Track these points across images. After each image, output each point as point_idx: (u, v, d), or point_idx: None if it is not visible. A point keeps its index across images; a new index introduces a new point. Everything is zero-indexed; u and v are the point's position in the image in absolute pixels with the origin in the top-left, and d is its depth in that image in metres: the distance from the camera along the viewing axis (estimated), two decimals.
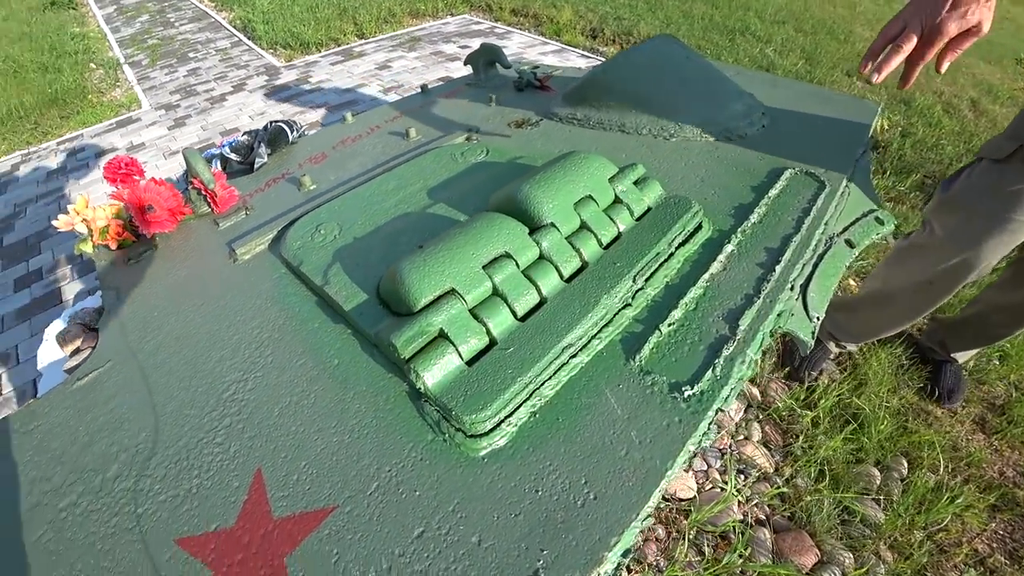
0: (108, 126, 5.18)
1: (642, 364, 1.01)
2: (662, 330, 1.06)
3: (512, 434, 0.91)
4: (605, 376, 1.00)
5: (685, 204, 1.29)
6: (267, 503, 0.85)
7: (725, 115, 1.79)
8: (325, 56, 6.13)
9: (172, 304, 1.43)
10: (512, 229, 1.15)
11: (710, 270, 1.18)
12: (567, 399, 0.97)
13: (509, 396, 0.92)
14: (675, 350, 1.03)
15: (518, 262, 1.11)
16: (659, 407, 0.93)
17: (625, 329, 1.08)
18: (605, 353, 1.04)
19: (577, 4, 7.13)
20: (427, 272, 1.05)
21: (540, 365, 0.96)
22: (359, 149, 2.19)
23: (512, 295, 1.07)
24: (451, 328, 0.99)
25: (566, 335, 1.01)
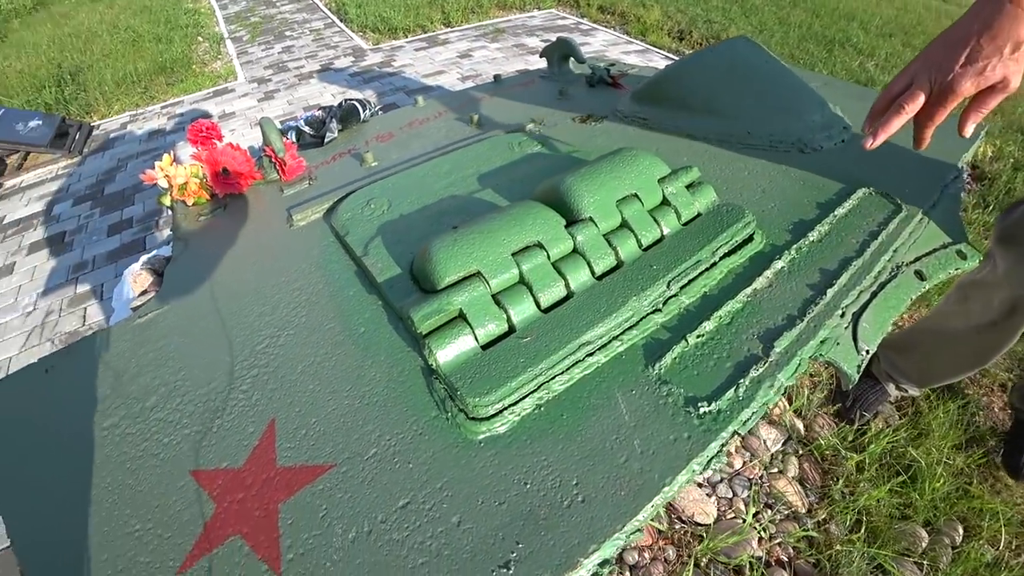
0: (206, 94, 5.55)
1: (661, 372, 0.97)
2: (689, 340, 1.01)
3: (513, 423, 0.91)
4: (620, 379, 0.96)
5: (737, 213, 1.22)
6: (274, 451, 0.90)
7: (800, 125, 1.68)
8: (410, 42, 6.29)
9: (229, 259, 1.52)
10: (548, 220, 1.13)
11: (754, 284, 1.11)
12: (576, 397, 0.94)
13: (517, 384, 0.91)
14: (699, 363, 0.98)
15: (549, 253, 1.10)
16: (670, 419, 0.89)
17: (650, 335, 1.04)
18: (625, 356, 1.01)
19: (667, 4, 6.94)
20: (455, 252, 1.05)
21: (554, 359, 0.95)
22: (424, 132, 2.24)
23: (538, 285, 1.06)
24: (471, 310, 1.00)
25: (586, 332, 0.99)
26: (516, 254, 1.08)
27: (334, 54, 6.15)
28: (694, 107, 1.85)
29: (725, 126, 1.76)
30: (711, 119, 1.80)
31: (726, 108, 1.78)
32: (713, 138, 1.76)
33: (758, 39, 6.30)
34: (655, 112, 1.94)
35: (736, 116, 1.76)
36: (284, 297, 1.30)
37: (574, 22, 6.70)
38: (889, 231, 1.23)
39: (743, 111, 1.75)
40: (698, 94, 1.84)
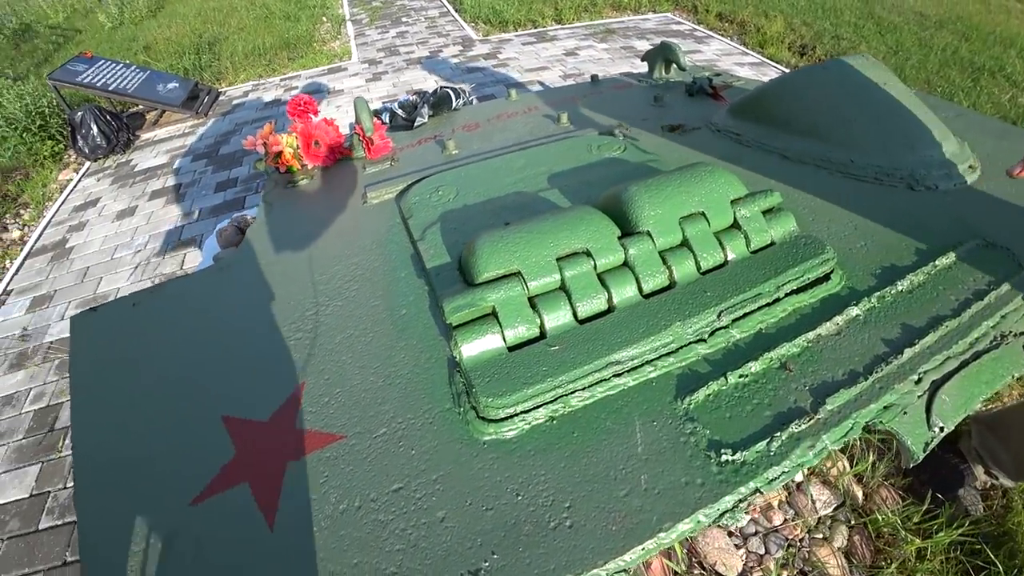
0: (321, 71, 5.89)
1: (689, 408, 0.90)
2: (729, 378, 0.92)
3: (522, 431, 0.88)
4: (643, 407, 0.91)
5: (816, 247, 1.11)
6: (296, 413, 0.95)
7: (915, 159, 1.50)
8: (519, 36, 6.34)
9: (304, 227, 1.62)
10: (601, 228, 1.08)
11: (819, 329, 1.00)
12: (592, 417, 0.90)
13: (534, 392, 0.89)
14: (735, 406, 0.90)
15: (596, 263, 1.05)
16: (686, 461, 0.83)
17: (688, 365, 0.97)
18: (655, 383, 0.94)
19: (792, 16, 6.51)
20: (498, 249, 1.04)
21: (578, 372, 0.91)
22: (510, 125, 2.25)
23: (578, 294, 1.02)
24: (503, 309, 0.98)
25: (618, 351, 0.94)
26: (561, 259, 1.04)
27: (444, 42, 6.32)
28: (794, 127, 1.71)
29: (826, 150, 1.61)
30: (811, 141, 1.65)
31: (830, 131, 1.63)
32: (810, 162, 1.62)
33: (891, 62, 5.75)
34: (750, 128, 1.82)
35: (840, 141, 1.61)
36: (342, 269, 1.35)
37: (689, 28, 6.46)
38: (1000, 293, 1.06)
39: (849, 136, 1.60)
40: (801, 113, 1.69)
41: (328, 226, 1.61)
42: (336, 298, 1.25)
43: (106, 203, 4.54)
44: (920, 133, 1.57)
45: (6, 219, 4.87)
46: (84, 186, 4.99)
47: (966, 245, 1.20)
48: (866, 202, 1.40)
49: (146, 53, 6.71)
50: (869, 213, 1.36)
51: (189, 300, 1.31)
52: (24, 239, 4.51)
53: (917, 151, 1.53)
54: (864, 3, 7.24)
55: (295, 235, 1.58)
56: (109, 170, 5.13)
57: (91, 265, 3.89)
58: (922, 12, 6.96)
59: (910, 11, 7.03)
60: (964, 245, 1.20)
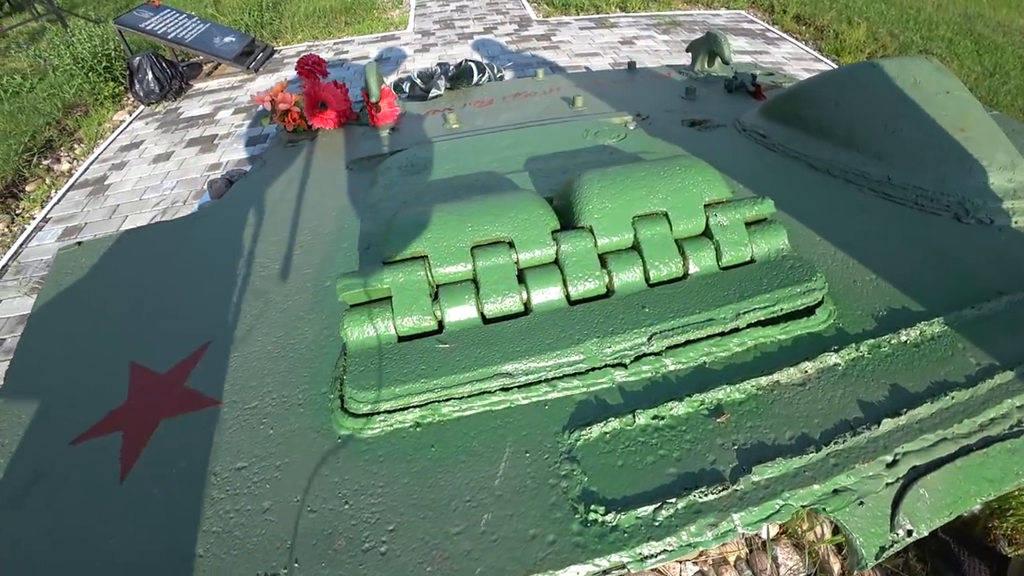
0: (375, 38, 5.84)
1: (575, 445, 0.74)
2: (637, 418, 0.75)
3: (382, 433, 0.78)
4: (523, 432, 0.76)
5: (803, 273, 0.90)
6: (191, 371, 0.94)
7: (970, 184, 1.24)
8: (579, 20, 6.10)
9: (287, 186, 1.59)
10: (533, 217, 0.92)
11: (778, 375, 0.80)
12: (461, 432, 0.78)
13: (403, 392, 0.79)
14: (633, 453, 0.72)
15: (519, 257, 0.90)
16: (545, 509, 0.67)
17: (597, 392, 0.80)
18: (548, 407, 0.79)
19: (878, 25, 5.98)
20: (408, 228, 0.93)
21: (458, 379, 0.79)
22: (523, 105, 2.15)
23: (488, 289, 0.88)
24: (400, 294, 0.87)
25: (512, 362, 0.80)
26: (479, 248, 0.91)
27: (501, 20, 6.16)
28: (828, 132, 1.47)
29: (861, 163, 1.37)
30: (845, 151, 1.42)
31: (869, 141, 1.39)
32: (839, 174, 1.39)
33: (983, 84, 5.18)
34: (779, 130, 1.59)
35: (880, 153, 1.37)
36: (298, 234, 1.31)
37: (762, 28, 6.05)
38: None
39: (891, 149, 1.35)
40: (838, 117, 1.45)
41: (307, 189, 1.57)
42: (278, 261, 1.21)
43: (147, 146, 4.65)
44: (982, 155, 1.30)
45: (60, 151, 5.09)
46: (133, 128, 5.14)
47: (1009, 297, 0.96)
48: (896, 229, 1.17)
49: (215, 6, 6.83)
50: (895, 242, 1.13)
51: (152, 246, 1.32)
52: (71, 172, 4.69)
53: (975, 176, 1.27)
54: (965, 19, 6.60)
55: (273, 194, 1.55)
56: (158, 115, 5.26)
57: (121, 203, 3.99)
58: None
59: (1018, 32, 6.36)
60: (1007, 297, 0.96)
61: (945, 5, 7.18)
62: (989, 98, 4.83)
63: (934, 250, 1.11)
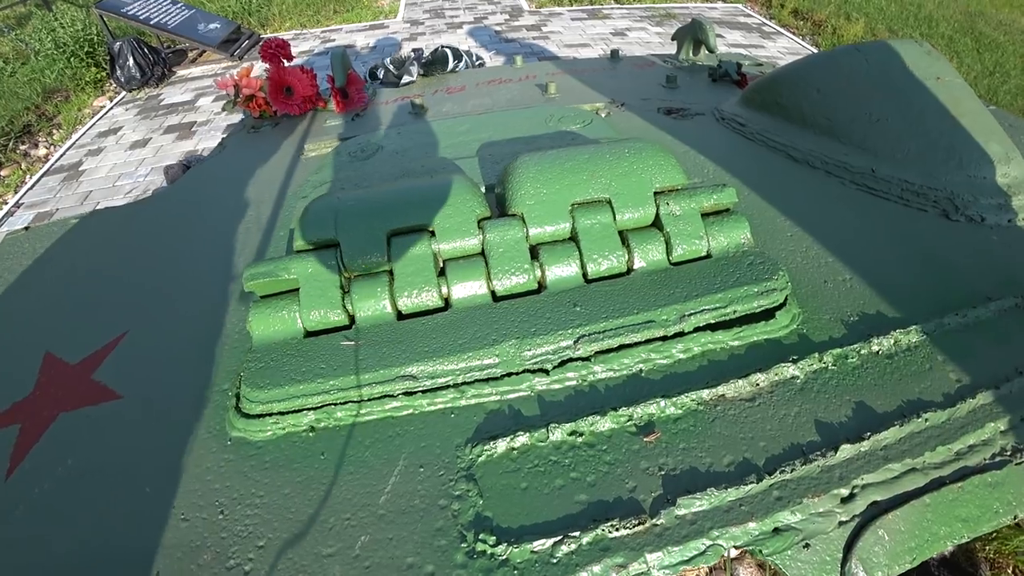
0: (362, 27, 5.73)
1: (476, 461, 0.64)
2: (552, 433, 0.65)
3: (273, 436, 0.70)
4: (421, 444, 0.67)
5: (765, 272, 0.79)
6: (101, 362, 0.88)
7: (960, 178, 1.14)
8: (571, 11, 5.99)
9: (239, 172, 1.52)
10: (458, 204, 0.82)
11: (723, 388, 0.69)
12: (356, 440, 0.69)
13: (298, 392, 0.71)
14: (541, 474, 0.62)
15: (440, 247, 0.80)
16: (430, 534, 0.58)
17: (512, 401, 0.70)
18: (454, 416, 0.70)
19: (877, 21, 5.88)
20: (322, 214, 0.83)
21: (356, 380, 0.71)
22: (495, 91, 2.06)
23: (402, 282, 0.78)
24: (308, 286, 0.78)
25: (419, 363, 0.71)
26: (396, 236, 0.81)
27: (492, 10, 6.06)
28: (809, 121, 1.37)
29: (842, 153, 1.27)
30: (826, 141, 1.31)
31: (851, 130, 1.28)
32: (819, 166, 1.29)
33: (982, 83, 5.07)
34: (758, 118, 1.49)
35: (863, 144, 1.26)
36: (239, 222, 1.22)
37: (758, 22, 5.94)
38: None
39: (876, 139, 1.25)
40: (819, 105, 1.35)
41: (258, 176, 1.50)
42: (213, 249, 1.14)
43: (125, 132, 4.54)
44: (974, 146, 1.20)
45: (39, 137, 4.97)
46: (113, 114, 5.02)
47: (998, 303, 0.85)
48: (877, 225, 1.07)
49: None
50: (875, 240, 1.02)
51: (96, 233, 1.27)
52: (48, 157, 4.58)
53: (966, 169, 1.17)
54: (966, 17, 6.49)
55: (224, 181, 1.49)
56: (139, 101, 5.14)
57: (94, 190, 3.89)
58: None
59: (1019, 31, 6.25)
60: (995, 303, 0.85)
61: (946, 2, 7.07)
62: (988, 97, 4.73)
63: (918, 249, 1.01)
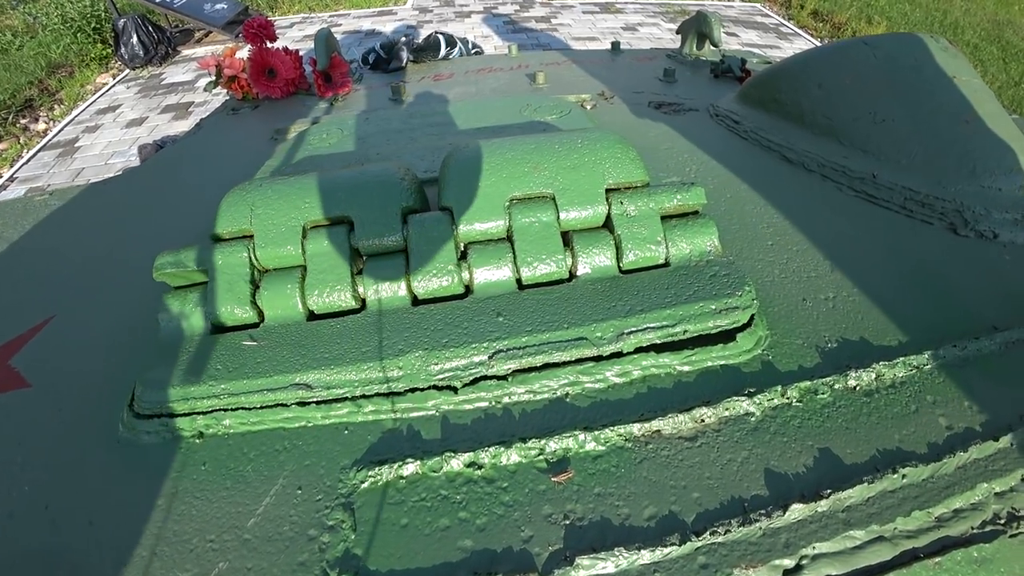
0: (371, 12, 5.63)
1: (358, 487, 0.56)
2: (448, 463, 0.56)
3: (160, 440, 0.64)
4: (305, 462, 0.60)
5: (728, 286, 0.68)
6: (20, 349, 0.83)
7: (973, 189, 1.02)
8: (583, 3, 5.85)
9: (211, 154, 1.48)
10: (382, 196, 0.74)
11: (659, 423, 0.59)
12: (240, 451, 0.62)
13: (190, 395, 0.64)
14: (427, 511, 0.54)
15: (359, 242, 0.72)
16: (291, 569, 0.51)
17: (412, 421, 0.62)
18: (349, 432, 0.62)
19: (899, 25, 5.68)
20: (239, 203, 0.75)
21: (248, 385, 0.63)
22: (483, 80, 1.99)
23: (314, 279, 0.70)
24: (218, 278, 0.72)
25: (315, 371, 0.63)
26: (315, 228, 0.73)
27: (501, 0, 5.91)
28: (808, 119, 1.25)
29: (842, 156, 1.15)
30: (825, 141, 1.20)
31: (853, 131, 1.17)
32: (816, 168, 1.17)
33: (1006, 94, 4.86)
34: (754, 115, 1.37)
35: (865, 146, 1.15)
36: (196, 207, 1.16)
37: (776, 22, 5.77)
38: None
39: (879, 142, 1.13)
40: (819, 102, 1.23)
41: (225, 159, 1.46)
42: (162, 231, 1.09)
43: (124, 111, 4.49)
44: (991, 154, 1.07)
45: (39, 111, 4.94)
46: (114, 92, 4.97)
47: (1006, 334, 0.73)
48: (874, 237, 0.95)
49: None
50: (870, 254, 0.91)
51: (57, 211, 1.25)
52: (46, 132, 4.54)
53: (979, 178, 1.04)
54: (994, 25, 6.28)
55: (192, 163, 1.45)
56: (141, 80, 5.09)
57: (87, 167, 3.85)
58: None
59: None
60: (1002, 334, 0.73)
61: (973, 10, 6.85)
62: (1013, 108, 4.55)
63: (917, 267, 0.89)
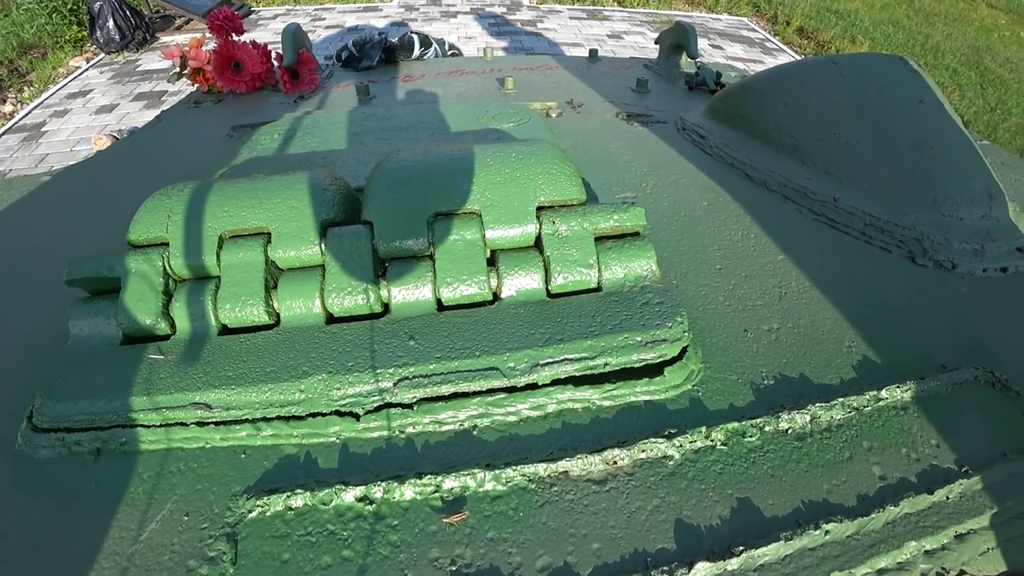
0: (356, 8, 5.56)
1: (244, 517, 0.53)
2: (340, 496, 0.53)
3: (58, 456, 0.60)
4: (197, 487, 0.56)
5: (659, 315, 0.64)
6: None
7: (934, 218, 0.99)
8: (572, 9, 5.84)
9: (163, 149, 1.45)
10: (302, 206, 0.70)
11: (568, 464, 0.54)
12: (134, 471, 0.58)
13: (88, 410, 0.61)
14: (311, 546, 0.50)
15: (274, 256, 0.68)
16: None
17: (312, 447, 0.59)
18: (246, 456, 0.58)
19: (882, 46, 5.76)
20: (160, 208, 0.72)
21: (146, 402, 0.60)
22: (450, 83, 1.96)
23: (228, 292, 0.66)
24: (130, 287, 0.68)
25: (214, 391, 0.60)
26: (234, 238, 0.69)
27: (490, 1, 5.91)
28: (773, 137, 1.22)
29: (804, 177, 1.13)
30: (789, 160, 1.17)
31: (817, 152, 1.14)
32: (777, 189, 1.14)
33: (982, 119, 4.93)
34: (720, 130, 1.34)
35: (828, 168, 1.12)
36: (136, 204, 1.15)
37: (761, 37, 5.82)
38: (978, 483, 0.56)
39: (842, 164, 1.10)
40: (785, 121, 1.20)
41: (182, 155, 1.42)
42: (98, 230, 1.03)
43: (95, 96, 4.36)
44: (953, 182, 1.04)
45: (8, 92, 4.78)
46: (87, 76, 4.84)
47: (954, 374, 0.69)
48: (829, 264, 0.92)
49: None
50: (822, 282, 0.87)
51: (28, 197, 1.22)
52: (13, 115, 4.39)
53: (940, 207, 1.01)
54: (973, 51, 6.40)
55: (142, 158, 1.40)
56: (116, 65, 4.96)
57: (52, 152, 3.73)
58: None
59: None
60: (951, 374, 0.69)
61: (955, 35, 6.98)
62: (988, 133, 4.62)
63: (871, 297, 0.86)
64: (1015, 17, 8.37)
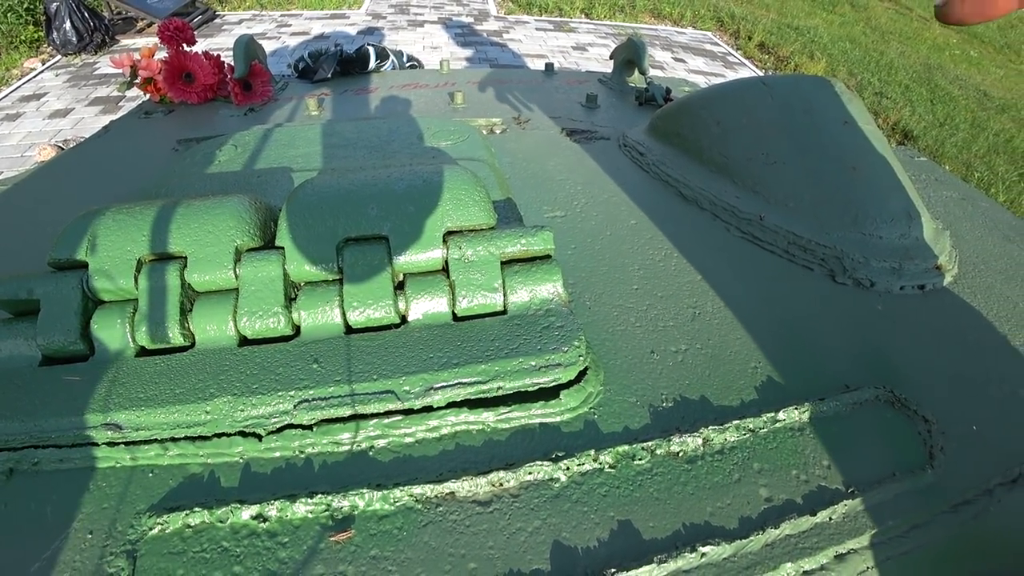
0: (323, 15, 5.52)
1: (145, 534, 0.54)
2: (236, 514, 0.54)
3: None
4: (104, 505, 0.57)
5: (557, 338, 0.66)
6: None
7: (854, 237, 1.02)
8: (539, 21, 5.90)
9: (108, 161, 1.41)
10: (218, 231, 0.71)
11: (455, 485, 0.56)
12: (46, 491, 0.58)
13: (2, 430, 0.61)
14: (205, 563, 0.51)
15: (192, 278, 0.69)
16: None
17: (216, 466, 0.60)
18: (154, 475, 0.59)
19: (839, 63, 5.96)
20: (81, 228, 0.72)
21: (58, 423, 0.60)
22: (404, 96, 1.97)
23: (144, 315, 0.67)
24: (48, 307, 0.68)
25: (125, 412, 0.60)
26: (153, 261, 0.70)
27: (458, 11, 5.93)
28: (705, 156, 1.26)
29: (733, 196, 1.16)
30: (720, 180, 1.20)
31: (745, 172, 1.18)
32: (708, 207, 1.18)
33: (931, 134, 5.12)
34: (659, 148, 1.37)
35: (755, 187, 1.16)
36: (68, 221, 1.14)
37: (724, 51, 5.96)
38: (860, 505, 0.58)
39: (769, 183, 1.14)
40: (718, 140, 1.24)
41: (126, 168, 1.40)
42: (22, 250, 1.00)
43: (49, 100, 4.24)
44: (873, 201, 1.09)
45: None
46: (42, 78, 4.70)
47: (855, 394, 0.71)
48: (749, 283, 0.94)
49: None
50: (740, 301, 0.89)
51: None
52: None
53: (861, 226, 1.05)
54: (925, 69, 6.67)
55: (83, 171, 1.37)
56: (72, 68, 4.84)
57: (1, 158, 3.59)
58: (986, 91, 6.37)
59: (974, 88, 6.44)
60: (852, 393, 0.71)
61: (908, 53, 7.27)
62: (935, 148, 4.81)
63: (787, 316, 0.88)
64: (965, 37, 8.76)
